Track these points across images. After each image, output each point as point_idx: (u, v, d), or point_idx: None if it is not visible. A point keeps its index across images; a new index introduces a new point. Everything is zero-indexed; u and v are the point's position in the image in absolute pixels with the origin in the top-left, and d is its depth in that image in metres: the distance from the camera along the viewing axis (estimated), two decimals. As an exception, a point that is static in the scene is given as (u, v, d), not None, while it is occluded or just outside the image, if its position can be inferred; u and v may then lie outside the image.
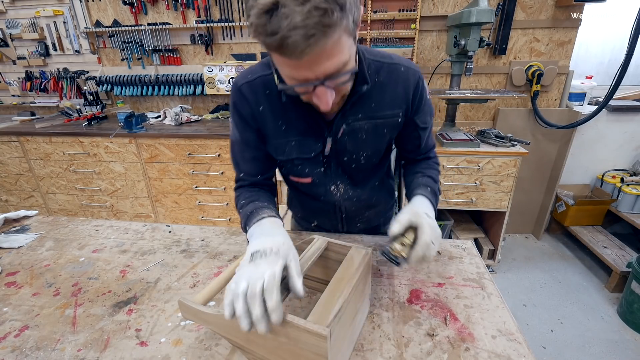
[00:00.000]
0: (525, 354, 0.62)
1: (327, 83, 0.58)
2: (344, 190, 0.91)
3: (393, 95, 0.77)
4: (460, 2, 2.24)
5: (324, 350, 0.48)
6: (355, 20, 0.55)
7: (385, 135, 0.82)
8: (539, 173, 2.57)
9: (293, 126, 0.77)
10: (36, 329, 0.72)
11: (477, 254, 0.93)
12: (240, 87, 0.75)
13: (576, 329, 1.89)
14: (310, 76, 0.56)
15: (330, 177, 0.87)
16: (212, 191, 2.44)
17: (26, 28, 2.77)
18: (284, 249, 0.57)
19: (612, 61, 2.56)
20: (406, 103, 0.78)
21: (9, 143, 2.53)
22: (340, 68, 0.57)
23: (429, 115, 0.85)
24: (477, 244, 2.44)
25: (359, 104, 0.76)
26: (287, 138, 0.79)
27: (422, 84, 0.79)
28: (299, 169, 0.85)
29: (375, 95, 0.76)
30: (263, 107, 0.76)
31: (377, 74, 0.75)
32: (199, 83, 2.59)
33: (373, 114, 0.77)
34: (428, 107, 0.84)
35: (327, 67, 0.55)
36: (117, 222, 1.16)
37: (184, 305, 0.59)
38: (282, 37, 0.48)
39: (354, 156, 0.83)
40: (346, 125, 0.77)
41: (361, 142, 0.80)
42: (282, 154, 0.81)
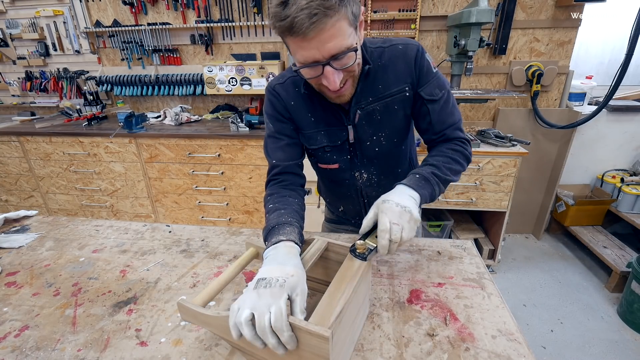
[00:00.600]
0: (525, 354, 0.62)
1: (332, 63, 0.67)
2: (367, 177, 0.98)
3: (396, 72, 0.82)
4: (460, 2, 2.24)
5: (326, 352, 0.48)
6: (354, 13, 0.66)
7: (398, 111, 0.86)
8: (539, 173, 2.57)
9: (320, 118, 0.87)
10: (36, 329, 0.72)
11: (477, 254, 0.93)
12: (274, 87, 0.88)
13: (576, 329, 1.89)
14: (317, 56, 0.65)
15: (355, 164, 0.95)
16: (212, 191, 2.44)
17: (26, 28, 2.77)
18: (291, 282, 0.55)
19: (612, 61, 2.56)
20: (410, 76, 0.82)
21: (9, 143, 2.53)
22: (343, 50, 0.66)
23: (437, 88, 0.83)
24: (477, 244, 2.44)
25: (367, 89, 0.83)
26: (317, 128, 0.89)
27: (421, 55, 0.81)
28: (328, 156, 0.94)
29: (381, 76, 0.82)
30: (294, 102, 0.86)
31: (379, 58, 0.82)
32: (199, 83, 2.59)
33: (382, 94, 0.83)
34: (435, 80, 0.83)
35: (331, 48, 0.64)
36: (117, 222, 1.16)
37: (183, 307, 0.59)
38: (292, 18, 0.59)
39: (374, 138, 0.89)
40: (360, 110, 0.84)
41: (377, 123, 0.87)
42: (314, 142, 0.91)
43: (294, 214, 0.77)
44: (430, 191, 0.77)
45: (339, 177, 0.99)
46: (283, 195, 0.83)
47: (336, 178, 1.00)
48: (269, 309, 0.51)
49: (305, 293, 0.56)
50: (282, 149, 0.88)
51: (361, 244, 0.65)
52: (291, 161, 0.88)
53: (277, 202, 0.80)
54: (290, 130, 0.89)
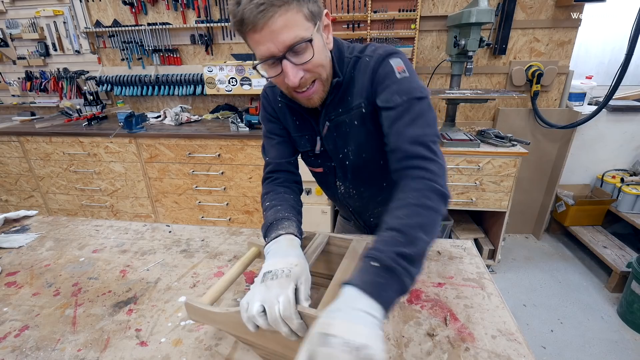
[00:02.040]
0: (525, 354, 0.62)
1: (289, 57, 0.64)
2: (345, 188, 0.96)
3: (358, 86, 0.77)
4: (460, 2, 2.24)
5: None
6: (311, 10, 0.63)
7: (359, 127, 0.80)
8: (539, 173, 2.57)
9: (303, 123, 0.87)
10: (36, 329, 0.72)
11: (477, 254, 0.93)
12: (266, 89, 0.90)
13: (576, 329, 1.89)
14: (272, 49, 0.63)
15: (336, 173, 0.93)
16: (212, 191, 2.44)
17: (26, 28, 2.77)
18: (296, 271, 0.57)
19: (612, 61, 2.56)
20: (367, 90, 0.75)
21: (9, 143, 2.53)
22: (298, 41, 0.62)
23: (395, 94, 0.69)
24: (477, 244, 2.44)
25: (338, 100, 0.79)
26: (301, 133, 0.88)
27: (381, 61, 0.72)
28: (313, 160, 0.94)
29: (350, 88, 0.79)
30: (281, 104, 0.87)
31: (353, 68, 0.78)
32: (199, 83, 2.59)
33: (348, 106, 0.79)
34: (396, 85, 0.69)
35: (285, 38, 0.61)
36: (117, 222, 1.16)
37: (191, 307, 0.60)
38: (241, 11, 0.60)
39: (345, 151, 0.86)
40: (329, 121, 0.82)
41: (345, 136, 0.83)
42: (299, 146, 0.91)
43: (291, 209, 0.77)
44: (398, 287, 0.50)
45: (325, 181, 1.00)
46: (278, 192, 0.82)
47: (322, 181, 1.01)
48: (277, 299, 0.52)
49: (309, 281, 0.59)
50: (275, 147, 0.89)
51: None
52: (283, 159, 0.88)
53: (273, 200, 0.80)
54: (280, 129, 0.90)
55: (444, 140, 2.05)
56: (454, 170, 2.08)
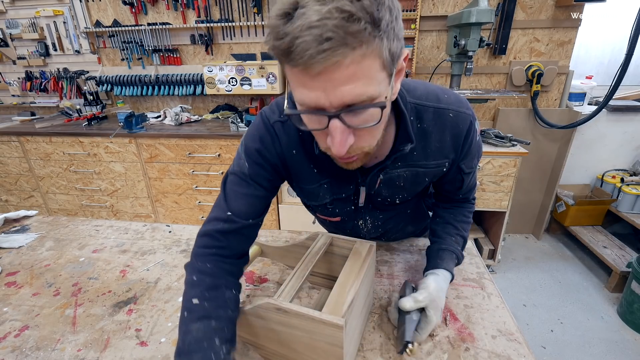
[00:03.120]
0: (525, 354, 0.62)
1: (343, 116, 0.46)
2: (372, 223, 0.84)
3: (439, 144, 0.66)
4: (460, 2, 2.24)
5: (340, 341, 0.49)
6: (392, 51, 0.44)
7: (426, 182, 0.75)
8: (539, 173, 2.57)
9: (324, 167, 0.68)
10: (36, 329, 0.72)
11: (477, 254, 0.93)
12: (273, 125, 0.65)
13: (576, 329, 1.89)
14: (323, 101, 0.44)
15: (360, 214, 0.81)
16: (212, 191, 2.44)
17: (26, 28, 2.77)
18: None
19: (612, 61, 2.56)
20: (454, 152, 0.68)
21: (9, 143, 2.53)
22: (363, 100, 0.44)
23: (476, 159, 0.75)
24: (477, 244, 2.44)
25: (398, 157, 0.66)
26: (320, 181, 0.71)
27: (473, 130, 0.68)
28: (329, 211, 0.79)
29: (418, 142, 0.65)
30: (297, 150, 0.66)
31: (419, 119, 0.64)
32: (199, 83, 2.59)
33: (415, 162, 0.68)
34: (477, 151, 0.73)
35: (345, 93, 0.43)
36: (117, 222, 1.16)
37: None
38: (292, 37, 0.39)
39: (389, 199, 0.76)
40: (383, 175, 0.69)
41: (398, 188, 0.73)
42: (314, 199, 0.75)
43: (227, 330, 0.55)
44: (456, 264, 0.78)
45: (339, 227, 0.87)
46: (217, 284, 0.59)
47: (337, 228, 0.88)
48: None
49: None
50: (245, 199, 0.65)
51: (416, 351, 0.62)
52: (252, 219, 0.65)
53: (205, 299, 0.56)
54: (267, 180, 0.67)
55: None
56: (454, 170, 2.08)
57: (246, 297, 0.80)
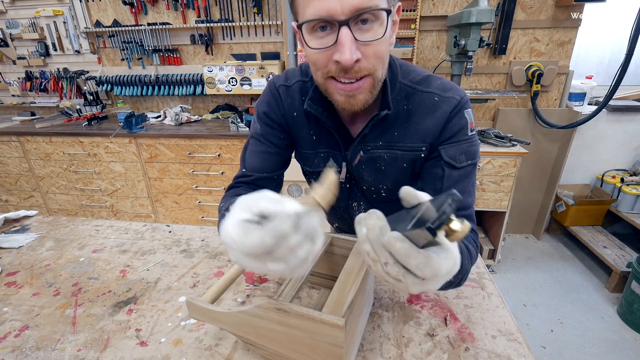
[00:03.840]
0: (525, 354, 0.62)
1: (352, 26, 0.51)
2: (365, 208, 0.85)
3: (419, 126, 0.67)
4: (460, 2, 2.24)
5: (340, 341, 0.49)
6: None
7: (406, 169, 0.72)
8: (539, 173, 2.57)
9: (323, 138, 0.73)
10: (36, 329, 0.72)
11: (477, 254, 0.93)
12: (277, 87, 0.74)
13: (576, 329, 1.89)
14: (335, 7, 0.49)
15: (353, 195, 0.83)
16: (212, 191, 2.44)
17: (26, 28, 2.77)
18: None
19: (612, 61, 2.56)
20: (433, 136, 0.66)
21: (9, 143, 2.53)
22: (371, 6, 0.50)
23: (463, 154, 0.66)
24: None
25: (380, 130, 0.68)
26: (317, 150, 0.75)
27: (458, 112, 0.65)
28: None
29: (400, 123, 0.67)
30: (297, 113, 0.72)
31: (406, 100, 0.66)
32: (199, 83, 2.59)
33: (394, 143, 0.69)
34: (466, 144, 0.66)
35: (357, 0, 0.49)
36: (117, 222, 1.16)
37: (192, 305, 0.59)
38: None
39: (373, 188, 0.76)
40: (364, 152, 0.71)
41: (380, 173, 0.73)
42: (309, 164, 0.78)
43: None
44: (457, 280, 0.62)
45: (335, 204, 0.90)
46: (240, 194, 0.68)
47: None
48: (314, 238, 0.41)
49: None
50: (261, 156, 0.74)
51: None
52: (267, 173, 0.73)
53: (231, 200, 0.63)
54: (279, 139, 0.75)
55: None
56: (454, 170, 2.08)
57: (246, 297, 0.80)
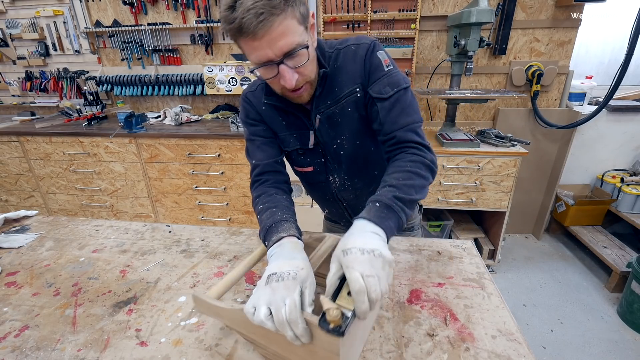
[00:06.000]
0: (525, 354, 0.62)
1: (286, 62, 0.68)
2: (340, 181, 0.97)
3: (348, 73, 0.81)
4: (460, 2, 2.24)
5: (336, 347, 0.49)
6: (302, 13, 0.67)
7: (352, 113, 0.84)
8: (539, 173, 2.57)
9: (291, 121, 0.88)
10: (36, 329, 0.72)
11: (477, 254, 0.93)
12: (246, 95, 0.91)
13: (576, 329, 1.89)
14: (270, 55, 0.65)
15: (329, 168, 0.94)
16: (212, 191, 2.44)
17: (26, 28, 2.77)
18: (302, 274, 0.56)
19: (612, 61, 2.56)
20: (360, 76, 0.81)
21: (9, 143, 2.53)
22: (294, 47, 0.66)
23: (387, 86, 0.78)
24: (477, 244, 2.44)
25: (326, 92, 0.83)
26: (289, 131, 0.89)
27: (370, 52, 0.79)
28: (302, 159, 0.94)
29: (336, 79, 0.82)
30: (265, 107, 0.88)
31: (335, 60, 0.82)
32: (199, 83, 2.59)
33: (337, 96, 0.83)
34: (386, 77, 0.79)
35: (282, 45, 0.65)
36: (117, 222, 1.16)
37: (199, 300, 0.61)
38: (239, 20, 0.61)
39: (338, 141, 0.88)
40: (320, 114, 0.85)
41: (337, 126, 0.86)
42: (287, 145, 0.91)
43: (286, 210, 0.77)
44: (396, 220, 0.65)
45: (315, 180, 0.99)
46: (270, 194, 0.82)
47: (312, 181, 1.00)
48: (284, 302, 0.51)
49: (314, 285, 0.57)
50: (260, 149, 0.89)
51: (335, 315, 0.48)
52: (270, 159, 0.88)
53: (266, 202, 0.79)
54: (264, 131, 0.90)
55: (444, 140, 2.05)
56: (454, 170, 2.08)
57: (246, 297, 0.80)
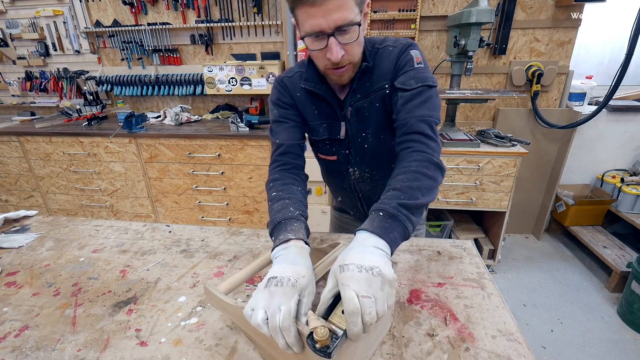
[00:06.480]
0: (525, 354, 0.62)
1: (337, 35, 0.71)
2: (360, 173, 1.01)
3: (381, 70, 0.85)
4: (460, 2, 2.24)
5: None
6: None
7: (380, 108, 0.88)
8: (539, 173, 2.57)
9: (322, 111, 0.92)
10: (36, 329, 0.72)
11: (477, 254, 0.93)
12: (282, 79, 0.94)
13: (576, 329, 1.89)
14: (323, 25, 0.69)
15: (351, 160, 0.98)
16: (212, 191, 2.44)
17: (26, 28, 2.77)
18: (302, 282, 0.55)
19: (612, 61, 2.56)
20: (391, 73, 0.85)
21: (9, 143, 2.53)
22: (347, 22, 0.69)
23: (412, 79, 0.80)
24: (477, 244, 2.44)
25: (360, 86, 0.87)
26: (320, 121, 0.94)
27: (404, 50, 0.83)
28: (327, 148, 0.98)
29: (371, 75, 0.86)
30: (300, 94, 0.92)
31: (373, 58, 0.86)
32: (199, 83, 2.59)
33: (368, 91, 0.87)
34: (414, 72, 0.81)
35: (337, 18, 0.68)
36: (117, 222, 1.16)
37: (209, 292, 0.63)
38: None
39: (363, 134, 0.92)
40: (351, 106, 0.89)
41: (365, 120, 0.90)
42: (316, 134, 0.96)
43: (299, 204, 0.77)
44: (401, 231, 0.61)
45: (336, 169, 1.04)
46: (286, 182, 0.84)
47: (333, 169, 1.05)
48: (279, 308, 0.51)
49: (313, 294, 0.56)
50: (287, 130, 0.92)
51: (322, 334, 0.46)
52: (294, 141, 0.91)
53: (280, 190, 0.81)
54: (294, 115, 0.93)
55: (444, 140, 2.05)
56: (454, 170, 2.08)
57: (246, 296, 0.80)
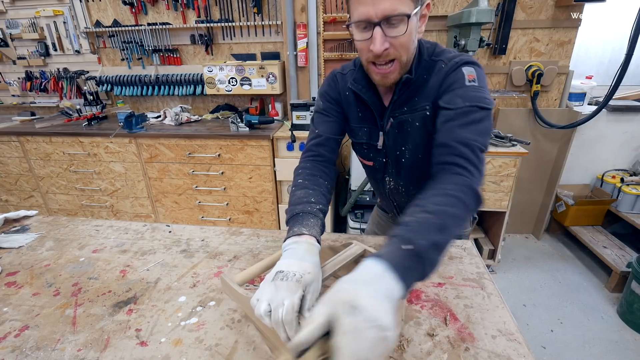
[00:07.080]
0: (525, 354, 0.62)
1: (383, 26, 0.68)
2: (394, 185, 1.00)
3: (429, 87, 0.79)
4: (460, 2, 2.24)
5: None
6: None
7: (420, 128, 0.83)
8: (539, 173, 2.57)
9: (366, 116, 0.91)
10: (36, 329, 0.72)
11: (477, 254, 0.93)
12: (336, 74, 0.93)
13: (576, 329, 1.89)
14: (371, 13, 0.66)
15: (388, 170, 0.97)
16: (212, 191, 2.44)
17: (26, 28, 2.77)
18: (308, 278, 0.56)
19: (612, 61, 2.56)
20: (435, 94, 0.78)
21: (9, 143, 2.53)
22: (396, 13, 0.66)
23: (459, 97, 0.71)
24: (477, 244, 2.44)
25: (405, 97, 0.83)
26: (361, 124, 0.92)
27: (455, 68, 0.75)
28: (365, 153, 0.97)
29: (420, 89, 0.81)
30: (348, 93, 0.91)
31: (426, 71, 0.80)
32: (199, 83, 2.59)
33: (414, 106, 0.82)
34: (462, 90, 0.72)
35: (385, 8, 0.65)
36: (117, 222, 1.16)
37: (224, 282, 0.66)
38: None
39: (402, 149, 0.89)
40: (393, 118, 0.86)
41: (405, 135, 0.86)
42: (356, 137, 0.95)
43: (321, 197, 0.77)
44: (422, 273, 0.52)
45: (373, 175, 1.04)
46: (314, 174, 0.83)
47: (371, 174, 1.06)
48: (283, 302, 0.52)
49: (317, 292, 0.58)
50: (328, 123, 0.92)
51: None
52: (333, 135, 0.91)
53: (307, 180, 0.81)
54: (336, 111, 0.93)
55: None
56: (454, 170, 2.08)
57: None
